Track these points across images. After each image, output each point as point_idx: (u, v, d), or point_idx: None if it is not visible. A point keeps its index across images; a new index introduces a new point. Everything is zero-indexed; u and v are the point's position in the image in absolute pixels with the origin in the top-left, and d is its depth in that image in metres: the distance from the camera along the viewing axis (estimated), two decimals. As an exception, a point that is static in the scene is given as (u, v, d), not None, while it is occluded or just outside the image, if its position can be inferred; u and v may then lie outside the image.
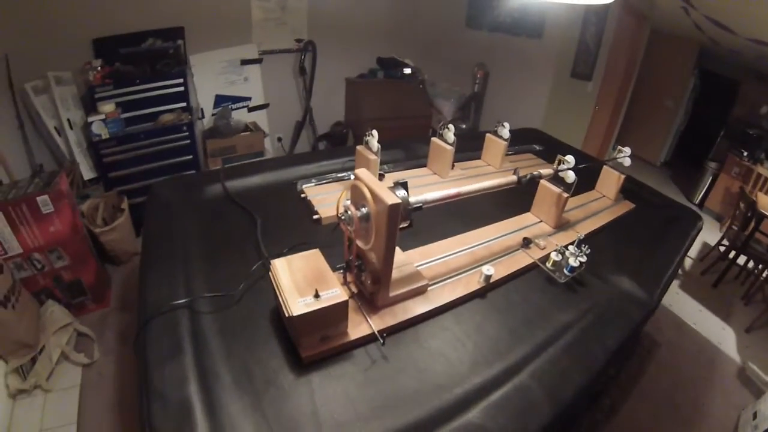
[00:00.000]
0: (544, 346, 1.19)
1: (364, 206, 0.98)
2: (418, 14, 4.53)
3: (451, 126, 2.03)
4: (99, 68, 2.82)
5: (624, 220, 2.11)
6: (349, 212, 0.98)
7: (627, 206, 2.22)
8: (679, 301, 3.32)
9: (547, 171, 1.65)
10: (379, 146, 1.76)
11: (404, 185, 1.03)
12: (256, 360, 0.99)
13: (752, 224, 3.36)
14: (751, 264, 3.55)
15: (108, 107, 2.81)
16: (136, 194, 3.00)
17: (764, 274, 3.39)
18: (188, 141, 3.14)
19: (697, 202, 5.08)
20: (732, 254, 3.54)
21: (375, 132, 1.78)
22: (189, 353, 0.97)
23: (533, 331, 1.25)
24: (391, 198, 0.92)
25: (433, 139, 2.11)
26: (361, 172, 1.02)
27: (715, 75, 5.44)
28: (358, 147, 1.85)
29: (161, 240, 1.44)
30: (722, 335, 3.04)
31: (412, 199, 1.03)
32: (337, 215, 1.07)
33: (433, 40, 4.84)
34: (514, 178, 1.43)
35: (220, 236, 1.50)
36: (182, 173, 3.14)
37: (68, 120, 2.79)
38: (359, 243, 1.03)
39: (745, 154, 4.47)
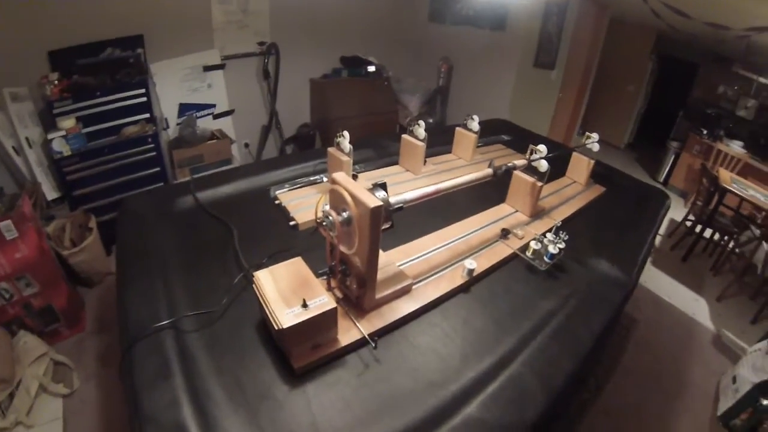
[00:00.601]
0: (532, 334, 1.21)
1: (344, 210, 0.97)
2: (380, 11, 4.51)
3: (421, 122, 2.04)
4: (56, 81, 2.69)
5: (597, 204, 2.17)
6: (331, 218, 0.97)
7: (598, 190, 2.29)
8: (652, 277, 3.44)
9: (521, 161, 1.68)
10: (351, 147, 1.75)
11: (383, 186, 1.03)
12: (248, 374, 0.97)
13: (716, 198, 3.51)
14: (716, 236, 3.72)
15: (68, 122, 2.68)
16: (104, 211, 2.89)
17: (730, 245, 3.55)
18: (154, 153, 3.04)
19: (661, 180, 5.27)
20: (698, 228, 3.70)
21: (346, 133, 1.76)
22: (178, 374, 0.95)
23: (519, 321, 1.27)
24: (373, 201, 0.91)
25: (404, 135, 2.11)
26: (339, 176, 1.01)
27: (673, 59, 5.65)
28: (330, 149, 1.82)
29: (136, 257, 1.39)
30: (696, 306, 3.18)
31: (392, 200, 1.03)
32: (315, 221, 1.06)
33: (396, 35, 4.83)
34: (490, 171, 1.45)
35: (196, 249, 1.46)
36: (151, 186, 3.04)
37: (27, 138, 2.65)
38: (342, 248, 1.02)
39: (705, 132, 4.67)
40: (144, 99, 2.93)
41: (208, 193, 1.80)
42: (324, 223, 0.99)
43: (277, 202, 1.75)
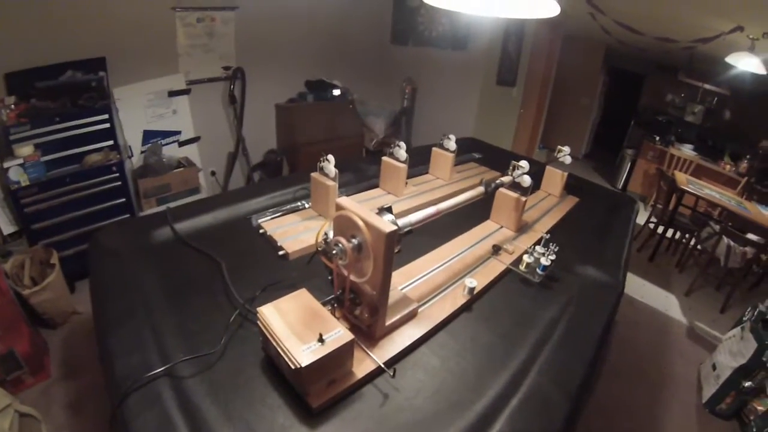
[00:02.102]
0: (540, 344, 1.23)
1: (354, 237, 0.95)
2: (343, 35, 4.54)
3: (402, 143, 2.04)
4: (13, 106, 2.50)
5: (573, 214, 2.25)
6: (341, 245, 0.94)
7: (573, 201, 2.38)
8: (623, 280, 3.59)
9: (506, 178, 1.71)
10: (337, 171, 1.72)
11: (389, 210, 1.01)
12: (261, 419, 0.91)
13: (674, 200, 3.72)
14: (678, 235, 3.94)
15: (26, 150, 2.49)
16: (66, 246, 2.71)
17: (692, 242, 3.76)
18: (119, 182, 2.88)
19: (620, 187, 5.53)
20: (661, 229, 3.89)
21: (331, 157, 1.73)
22: (183, 428, 0.86)
23: (525, 332, 1.29)
24: (387, 225, 0.90)
25: (384, 158, 2.10)
26: (345, 201, 0.98)
27: (621, 71, 6.00)
28: (313, 174, 1.79)
29: (116, 298, 1.28)
30: (667, 302, 3.34)
31: (399, 223, 1.01)
32: (317, 249, 1.02)
33: (359, 59, 4.88)
34: (482, 189, 1.46)
35: (180, 285, 1.37)
36: (117, 218, 2.89)
37: (-21, 167, 2.46)
38: (353, 276, 0.99)
39: (658, 138, 4.96)
40: (107, 125, 2.79)
41: (185, 224, 1.71)
42: (335, 251, 0.95)
43: (261, 231, 1.69)
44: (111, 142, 2.85)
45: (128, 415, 0.89)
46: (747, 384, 2.23)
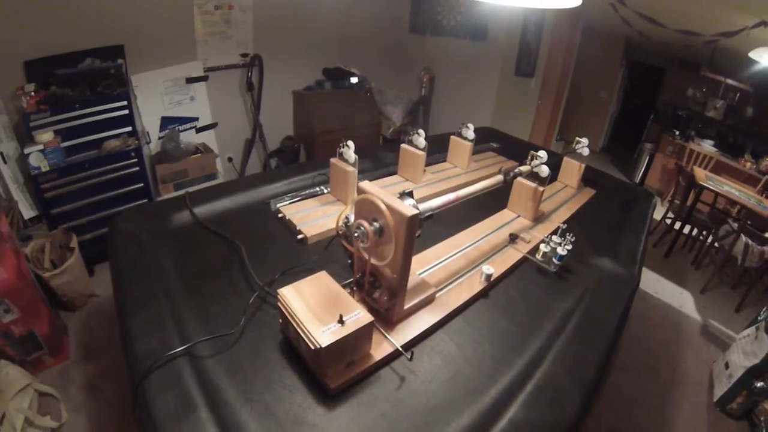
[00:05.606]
0: (555, 334, 1.23)
1: (375, 220, 0.95)
2: (361, 23, 4.52)
3: (421, 131, 2.03)
4: (33, 93, 2.53)
5: (589, 206, 2.22)
6: (362, 228, 0.94)
7: (589, 193, 2.35)
8: (638, 275, 3.55)
9: (525, 168, 1.69)
10: (357, 157, 1.72)
11: (410, 194, 1.01)
12: (279, 399, 0.92)
13: (692, 196, 3.65)
14: (695, 232, 3.87)
15: (46, 136, 2.54)
16: (85, 230, 2.76)
17: (709, 240, 3.69)
18: (137, 168, 2.92)
19: (637, 181, 5.44)
20: (678, 225, 3.83)
21: (350, 143, 1.74)
22: (203, 406, 0.88)
23: (540, 322, 1.28)
24: (409, 209, 0.90)
25: (403, 145, 2.10)
26: (367, 185, 0.98)
27: (641, 64, 5.88)
28: (333, 160, 1.80)
29: (136, 281, 1.30)
30: (681, 299, 3.30)
31: (420, 207, 1.01)
32: (337, 233, 1.03)
33: (377, 47, 4.86)
34: (500, 177, 1.45)
35: (199, 268, 1.38)
36: (135, 203, 2.93)
37: (1, 153, 2.50)
38: (374, 260, 0.99)
39: (677, 133, 4.86)
40: (126, 112, 2.82)
41: (204, 208, 1.72)
42: (356, 234, 0.95)
43: (280, 215, 1.70)
44: (129, 129, 2.89)
45: (149, 393, 0.91)
46: (759, 384, 2.20)
